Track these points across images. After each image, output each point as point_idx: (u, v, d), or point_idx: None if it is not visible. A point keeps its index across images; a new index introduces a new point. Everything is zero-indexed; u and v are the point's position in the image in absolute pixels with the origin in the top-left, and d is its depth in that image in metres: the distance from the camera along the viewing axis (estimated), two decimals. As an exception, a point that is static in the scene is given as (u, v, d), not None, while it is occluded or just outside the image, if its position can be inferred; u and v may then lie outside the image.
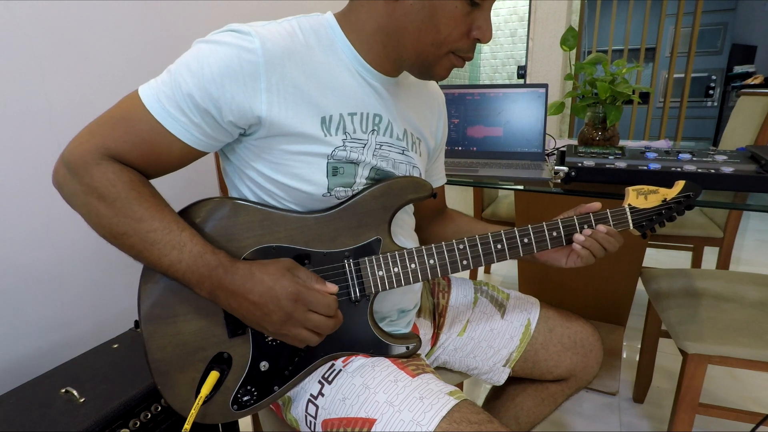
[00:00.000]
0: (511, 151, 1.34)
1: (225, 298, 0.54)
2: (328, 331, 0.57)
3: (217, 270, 0.53)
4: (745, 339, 0.94)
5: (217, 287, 0.53)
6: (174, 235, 0.53)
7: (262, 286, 0.53)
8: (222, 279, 0.53)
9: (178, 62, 0.54)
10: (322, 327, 0.55)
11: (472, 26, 0.57)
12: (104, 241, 0.54)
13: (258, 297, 0.53)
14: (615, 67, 1.31)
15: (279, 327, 0.54)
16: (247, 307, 0.54)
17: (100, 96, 0.98)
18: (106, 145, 0.53)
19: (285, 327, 0.54)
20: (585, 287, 1.67)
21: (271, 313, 0.53)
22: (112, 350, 0.85)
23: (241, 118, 0.55)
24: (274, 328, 0.55)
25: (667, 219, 0.70)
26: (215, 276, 0.53)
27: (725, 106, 4.29)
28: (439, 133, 0.79)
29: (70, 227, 0.95)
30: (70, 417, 0.68)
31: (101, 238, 0.54)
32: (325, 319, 0.55)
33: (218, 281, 0.53)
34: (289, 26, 0.58)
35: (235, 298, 0.54)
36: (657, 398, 1.41)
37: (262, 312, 0.54)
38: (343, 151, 0.60)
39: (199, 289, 0.54)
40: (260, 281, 0.53)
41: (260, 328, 0.56)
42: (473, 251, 0.65)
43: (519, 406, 0.85)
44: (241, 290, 0.53)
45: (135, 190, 0.53)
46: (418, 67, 0.61)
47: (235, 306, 0.54)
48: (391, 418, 0.56)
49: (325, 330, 0.56)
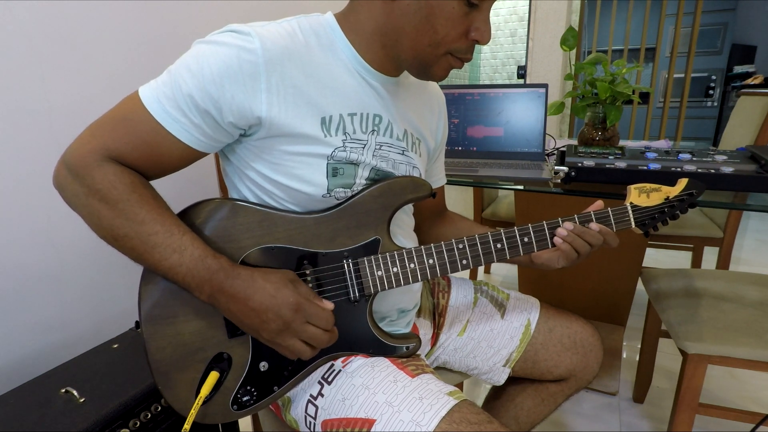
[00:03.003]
0: (511, 151, 1.34)
1: (225, 302, 0.54)
2: (322, 345, 0.57)
3: (218, 274, 0.53)
4: (745, 339, 0.94)
5: (217, 291, 0.53)
6: (175, 238, 0.53)
7: (263, 293, 0.53)
8: (223, 283, 0.53)
9: (178, 63, 0.54)
10: (317, 340, 0.56)
11: (471, 27, 0.57)
12: (98, 236, 0.54)
13: (258, 303, 0.53)
14: (615, 67, 1.31)
15: (275, 335, 0.54)
16: (246, 312, 0.54)
17: (100, 96, 0.98)
18: (106, 146, 0.53)
19: (281, 336, 0.55)
20: (585, 287, 1.67)
21: (269, 320, 0.53)
22: (112, 350, 0.85)
23: (241, 119, 0.55)
24: (270, 336, 0.55)
25: (670, 217, 0.70)
26: (216, 280, 0.53)
27: (725, 106, 4.29)
28: (439, 134, 0.79)
29: (70, 228, 0.95)
30: (70, 417, 0.68)
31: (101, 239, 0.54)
32: (321, 332, 0.56)
33: (219, 285, 0.53)
34: (288, 26, 0.58)
35: (235, 302, 0.54)
36: (657, 398, 1.41)
37: (261, 319, 0.54)
38: (343, 152, 0.60)
39: (198, 293, 0.54)
40: (262, 288, 0.54)
41: (256, 335, 0.56)
42: (473, 250, 0.65)
43: (519, 406, 0.85)
44: (242, 295, 0.53)
45: (136, 192, 0.53)
46: (416, 67, 0.61)
47: (235, 311, 0.54)
48: (391, 418, 0.56)
49: (320, 343, 0.56)
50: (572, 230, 0.66)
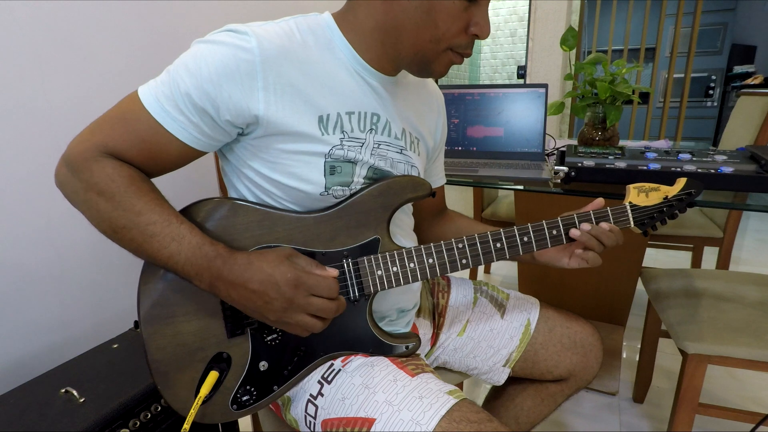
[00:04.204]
0: (511, 151, 1.34)
1: (225, 289, 0.54)
2: (331, 315, 0.55)
3: (216, 261, 0.53)
4: (745, 339, 0.94)
5: (216, 278, 0.53)
6: (173, 227, 0.53)
7: (261, 273, 0.53)
8: (221, 269, 0.53)
9: (177, 62, 0.55)
10: (325, 310, 0.54)
11: (470, 22, 0.58)
12: (104, 241, 0.55)
13: (258, 285, 0.53)
14: (615, 67, 1.31)
15: (281, 314, 0.54)
16: (247, 296, 0.53)
17: (100, 96, 0.98)
18: (105, 143, 0.54)
19: (287, 314, 0.54)
20: (585, 287, 1.67)
21: (272, 300, 0.53)
22: (111, 350, 0.86)
23: (238, 117, 0.55)
24: (276, 316, 0.54)
25: (669, 217, 0.70)
26: (214, 267, 0.53)
27: (725, 106, 4.29)
28: (438, 133, 0.79)
29: (70, 227, 0.95)
30: (69, 417, 0.68)
31: (101, 234, 0.55)
32: (327, 301, 0.54)
33: (217, 272, 0.53)
34: (286, 26, 0.58)
35: (234, 288, 0.53)
36: (657, 398, 1.40)
37: (263, 300, 0.53)
38: (341, 150, 0.60)
39: (198, 281, 0.54)
40: (259, 269, 0.53)
41: (262, 318, 0.55)
42: (472, 250, 0.65)
43: (519, 406, 0.85)
44: (241, 280, 0.53)
45: (134, 184, 0.54)
46: (416, 64, 0.61)
47: (236, 296, 0.54)
48: (391, 417, 0.56)
49: (328, 313, 0.55)
50: (589, 231, 0.66)
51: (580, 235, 0.67)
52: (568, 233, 0.68)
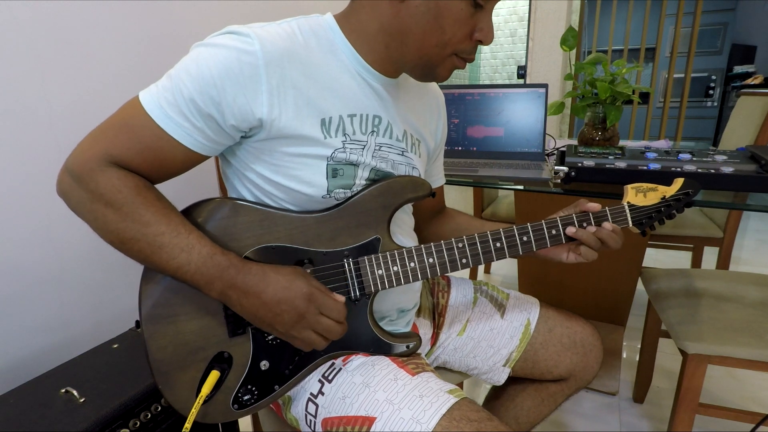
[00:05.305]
0: (511, 151, 1.34)
1: (237, 297, 0.54)
2: (335, 337, 0.57)
3: (229, 270, 0.53)
4: (745, 339, 0.94)
5: (228, 287, 0.54)
6: (182, 237, 0.53)
7: (276, 285, 0.54)
8: (234, 279, 0.53)
9: (178, 67, 0.54)
10: (331, 332, 0.56)
11: (475, 28, 0.58)
12: (104, 242, 0.54)
13: (271, 296, 0.54)
14: (615, 67, 1.32)
15: (289, 328, 0.55)
16: (259, 306, 0.54)
17: (100, 97, 0.98)
18: (109, 152, 0.53)
19: (295, 328, 0.55)
20: (585, 287, 1.67)
21: (283, 312, 0.54)
22: (112, 350, 0.86)
23: (242, 121, 0.55)
24: (284, 328, 0.55)
25: (667, 216, 0.70)
26: (227, 276, 0.53)
27: (725, 106, 4.29)
28: (439, 134, 0.79)
29: (70, 228, 0.95)
30: (70, 417, 0.68)
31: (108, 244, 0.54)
32: (334, 324, 0.56)
33: (230, 281, 0.53)
34: (288, 27, 0.58)
35: (247, 297, 0.54)
36: (657, 398, 1.41)
37: (274, 312, 0.54)
38: (343, 153, 0.60)
39: (208, 290, 0.54)
40: (275, 281, 0.54)
41: (270, 329, 0.56)
42: (472, 249, 0.65)
43: (519, 406, 0.85)
44: (255, 290, 0.54)
45: (141, 195, 0.53)
46: (420, 68, 0.61)
47: (247, 305, 0.54)
48: (391, 416, 0.56)
49: (333, 335, 0.57)
50: (594, 233, 0.67)
51: (584, 235, 0.67)
52: (569, 235, 0.68)
